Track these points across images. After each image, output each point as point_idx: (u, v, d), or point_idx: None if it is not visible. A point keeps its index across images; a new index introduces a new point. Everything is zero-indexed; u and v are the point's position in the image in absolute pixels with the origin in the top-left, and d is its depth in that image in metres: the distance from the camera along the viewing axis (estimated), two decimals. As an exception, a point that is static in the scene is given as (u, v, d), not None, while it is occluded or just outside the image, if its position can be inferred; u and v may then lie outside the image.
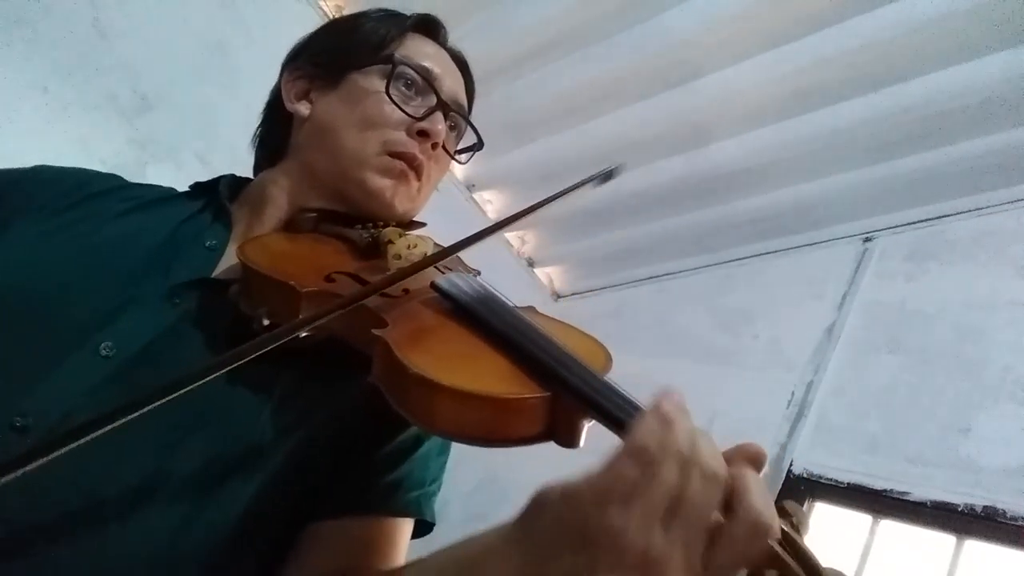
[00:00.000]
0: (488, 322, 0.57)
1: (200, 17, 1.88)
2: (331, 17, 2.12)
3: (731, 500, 0.41)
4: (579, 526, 0.41)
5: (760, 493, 0.41)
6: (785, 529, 0.42)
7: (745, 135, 2.14)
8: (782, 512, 0.44)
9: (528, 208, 0.63)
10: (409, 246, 0.70)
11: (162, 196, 0.78)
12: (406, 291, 0.64)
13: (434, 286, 0.64)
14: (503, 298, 0.63)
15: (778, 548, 0.41)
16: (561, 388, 0.49)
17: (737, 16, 1.83)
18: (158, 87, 1.81)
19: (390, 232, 0.73)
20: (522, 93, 2.18)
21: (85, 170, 0.79)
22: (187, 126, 1.85)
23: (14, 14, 1.59)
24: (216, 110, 1.89)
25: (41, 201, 0.70)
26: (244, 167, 0.88)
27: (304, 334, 0.60)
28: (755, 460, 0.44)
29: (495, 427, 0.50)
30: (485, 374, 0.52)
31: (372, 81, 0.77)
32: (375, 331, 0.54)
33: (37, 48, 1.62)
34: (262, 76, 0.87)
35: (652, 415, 0.43)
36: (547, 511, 0.43)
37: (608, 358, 0.58)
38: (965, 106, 1.83)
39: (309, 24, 0.90)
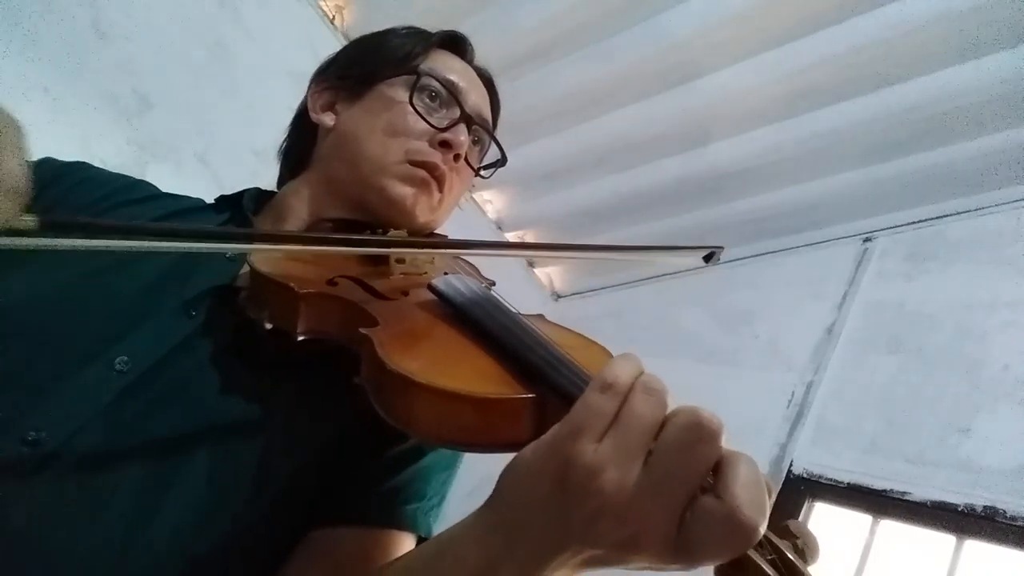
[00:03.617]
0: (481, 323, 0.56)
1: (200, 17, 1.88)
2: (331, 17, 2.13)
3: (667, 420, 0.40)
4: (554, 468, 0.40)
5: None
6: (787, 553, 0.38)
7: (745, 135, 2.14)
8: (786, 532, 0.39)
9: (563, 245, 0.62)
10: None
11: (188, 207, 0.78)
12: (404, 293, 0.63)
13: (431, 287, 0.63)
14: (504, 303, 0.61)
15: (770, 570, 0.37)
16: (548, 390, 0.46)
17: (737, 16, 1.83)
18: (158, 87, 1.81)
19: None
20: (522, 93, 2.18)
21: (128, 176, 0.79)
22: (187, 126, 1.85)
23: (14, 14, 1.59)
24: (216, 110, 1.89)
25: (82, 200, 0.70)
26: (244, 167, 0.89)
27: (301, 338, 0.59)
28: None
29: (477, 430, 0.47)
30: (468, 374, 0.49)
31: (396, 92, 0.78)
32: (363, 330, 0.53)
33: (37, 48, 1.62)
34: (262, 76, 0.87)
35: (620, 357, 0.44)
36: (522, 467, 0.42)
37: None
38: (965, 106, 1.83)
39: (309, 24, 0.90)
